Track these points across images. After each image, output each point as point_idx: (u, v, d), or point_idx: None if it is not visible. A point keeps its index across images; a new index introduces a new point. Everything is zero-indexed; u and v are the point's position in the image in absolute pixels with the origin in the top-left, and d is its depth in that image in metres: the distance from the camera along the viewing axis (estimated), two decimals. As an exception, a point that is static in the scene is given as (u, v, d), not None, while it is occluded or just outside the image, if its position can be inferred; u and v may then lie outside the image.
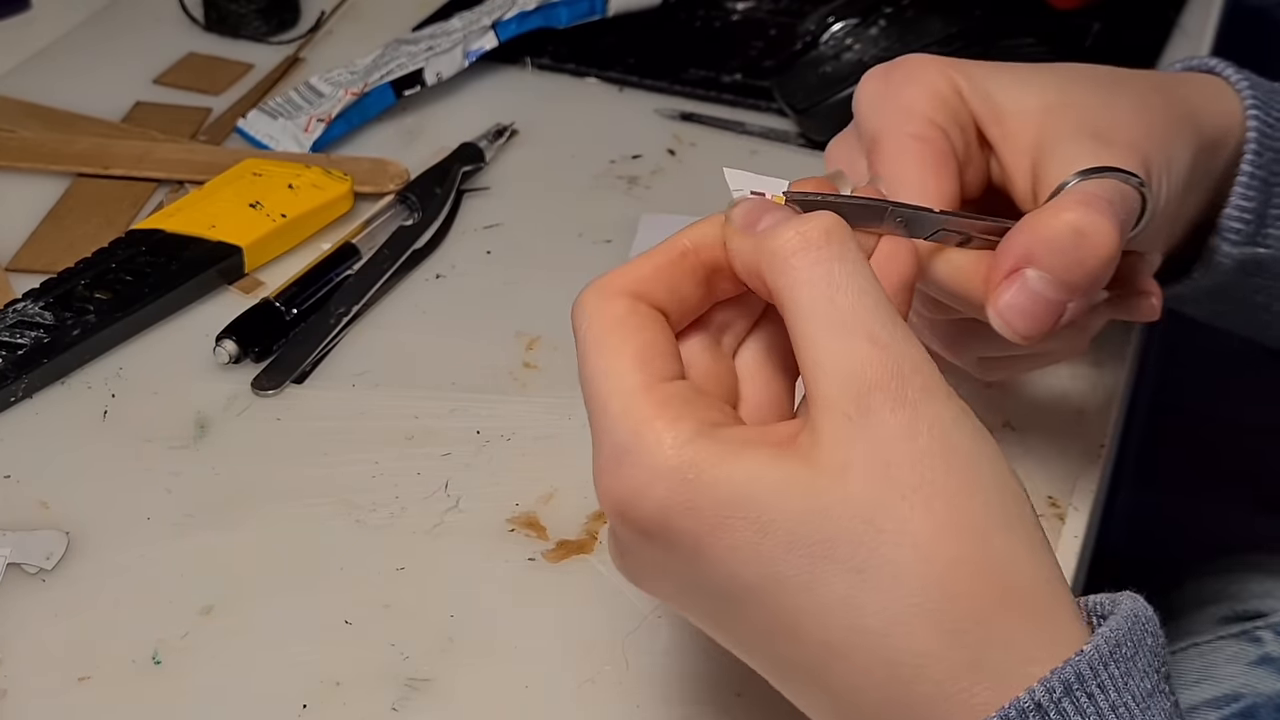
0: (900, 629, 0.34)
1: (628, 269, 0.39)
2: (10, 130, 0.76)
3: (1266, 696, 0.65)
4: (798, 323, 0.36)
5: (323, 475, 0.56)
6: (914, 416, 0.35)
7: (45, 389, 0.60)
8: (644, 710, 0.47)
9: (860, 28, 0.74)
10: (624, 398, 0.36)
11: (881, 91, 0.47)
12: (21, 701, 0.47)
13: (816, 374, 0.35)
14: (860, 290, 0.36)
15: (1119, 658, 0.34)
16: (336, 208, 0.69)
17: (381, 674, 0.48)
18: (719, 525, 0.35)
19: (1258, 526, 1.13)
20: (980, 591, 0.34)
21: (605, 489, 0.37)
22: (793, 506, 0.34)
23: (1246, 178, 0.51)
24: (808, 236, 0.36)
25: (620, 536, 0.38)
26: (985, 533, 0.34)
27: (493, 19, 0.81)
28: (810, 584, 0.34)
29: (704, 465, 0.35)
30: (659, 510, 0.35)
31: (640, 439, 0.36)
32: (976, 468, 0.35)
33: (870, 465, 0.34)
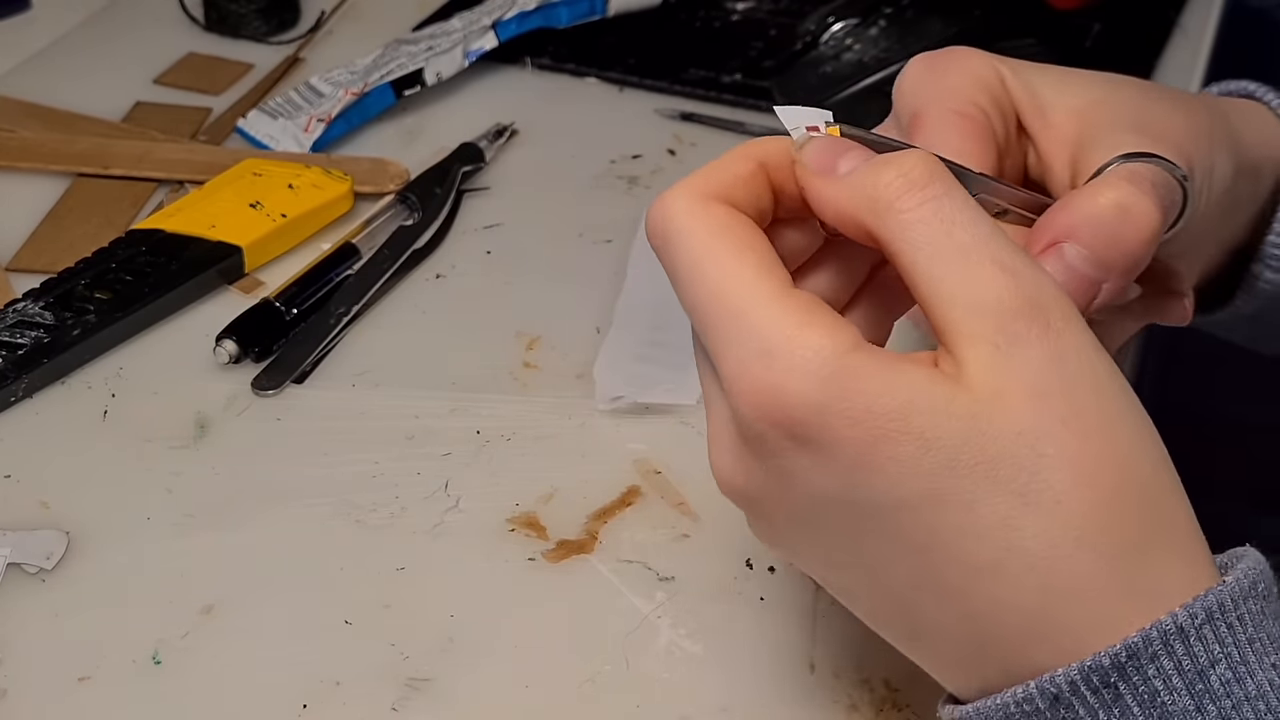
0: (1060, 553, 0.34)
1: (710, 175, 0.37)
2: (10, 130, 0.76)
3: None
4: (919, 261, 0.35)
5: (323, 475, 0.56)
6: (1059, 344, 0.35)
7: (45, 389, 0.60)
8: (644, 710, 0.47)
9: (860, 28, 0.75)
10: (766, 303, 0.35)
11: (925, 75, 0.46)
12: (21, 701, 0.47)
13: (950, 307, 0.35)
14: (976, 222, 0.35)
15: (1256, 595, 0.35)
16: (336, 208, 0.69)
17: (381, 674, 0.48)
18: (882, 436, 0.34)
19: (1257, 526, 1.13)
20: (1135, 521, 0.34)
21: (752, 393, 0.35)
22: (955, 426, 0.34)
23: None
24: (911, 176, 0.36)
25: (761, 444, 0.36)
26: (1136, 465, 0.35)
27: (493, 19, 0.81)
28: (972, 503, 0.34)
29: (867, 376, 0.34)
30: (817, 415, 0.34)
31: (795, 343, 0.35)
32: (1121, 398, 0.35)
33: (1026, 392, 0.34)
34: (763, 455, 0.36)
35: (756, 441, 0.36)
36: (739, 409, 0.36)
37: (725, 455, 0.38)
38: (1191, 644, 0.34)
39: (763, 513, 0.38)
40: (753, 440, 0.36)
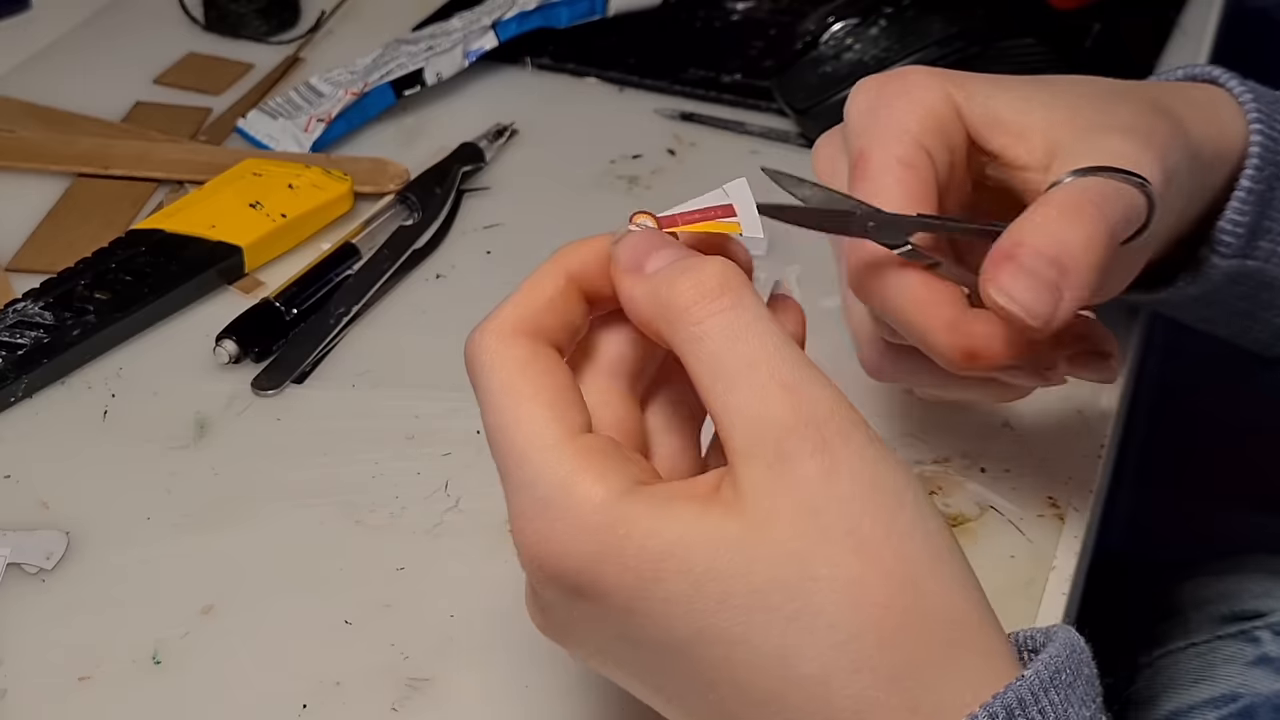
0: (838, 677, 0.33)
1: (519, 303, 0.38)
2: (10, 130, 0.76)
3: (1265, 696, 0.65)
4: (703, 375, 0.35)
5: (323, 475, 0.56)
6: (833, 461, 0.34)
7: (45, 389, 0.60)
8: (644, 710, 0.47)
9: (860, 28, 0.74)
10: (545, 450, 0.35)
11: (874, 103, 0.46)
12: (21, 701, 0.47)
13: (730, 424, 0.35)
14: (762, 335, 0.35)
15: (1058, 684, 0.34)
16: (336, 208, 0.69)
17: (381, 674, 0.48)
18: (653, 579, 0.34)
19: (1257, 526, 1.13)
20: (915, 635, 0.34)
21: (528, 545, 0.36)
22: (724, 559, 0.34)
23: (1245, 192, 0.51)
24: (703, 287, 0.36)
25: (542, 594, 0.37)
26: (915, 575, 0.34)
27: (493, 19, 0.81)
28: (746, 635, 0.34)
29: (635, 520, 0.34)
30: (589, 565, 0.35)
31: (567, 493, 0.35)
32: (900, 509, 0.34)
33: (796, 513, 0.34)
34: (544, 605, 0.37)
35: (541, 591, 0.37)
36: (521, 560, 0.36)
37: (528, 597, 0.39)
38: None
39: (571, 649, 0.39)
40: (534, 591, 0.37)
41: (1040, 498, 0.55)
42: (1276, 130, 0.51)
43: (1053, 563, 0.52)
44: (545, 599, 0.37)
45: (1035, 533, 0.53)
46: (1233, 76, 0.52)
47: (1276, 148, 0.51)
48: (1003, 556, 0.52)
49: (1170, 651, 0.69)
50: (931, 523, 0.35)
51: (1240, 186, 0.51)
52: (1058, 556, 0.52)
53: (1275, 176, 0.51)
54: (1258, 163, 0.51)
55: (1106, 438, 0.58)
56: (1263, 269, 0.53)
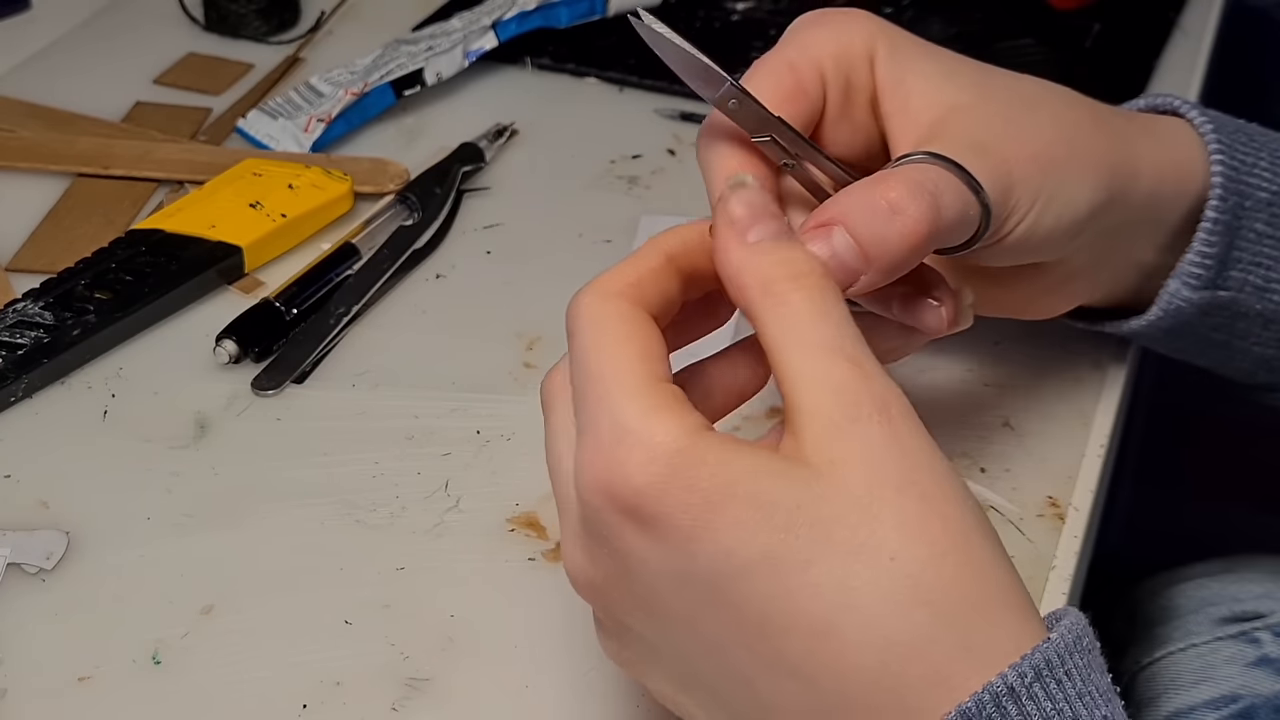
0: (898, 610, 0.35)
1: (621, 272, 0.39)
2: (10, 130, 0.76)
3: (1265, 697, 0.65)
4: (783, 343, 0.37)
5: (323, 475, 0.56)
6: (896, 433, 0.36)
7: (45, 389, 0.60)
8: (644, 710, 0.47)
9: (860, 28, 0.74)
10: (631, 387, 0.37)
11: (800, 25, 0.47)
12: (21, 701, 0.47)
13: (802, 387, 0.37)
14: (841, 321, 0.37)
15: (1081, 649, 0.36)
16: (336, 208, 0.69)
17: (381, 674, 0.48)
18: (720, 502, 0.35)
19: (1258, 526, 1.13)
20: (969, 582, 0.35)
21: (600, 473, 0.36)
22: (790, 491, 0.35)
23: (1210, 224, 0.51)
24: (795, 265, 0.38)
25: (597, 523, 0.37)
26: (967, 533, 0.36)
27: (493, 19, 0.81)
28: (808, 563, 0.35)
29: (707, 449, 0.36)
30: (655, 485, 0.35)
31: (647, 423, 0.36)
32: (954, 483, 0.37)
33: (861, 462, 0.36)
34: (603, 539, 0.37)
35: (597, 524, 0.37)
36: (582, 490, 0.37)
37: (575, 548, 0.39)
38: (1023, 703, 0.34)
39: (609, 607, 0.39)
40: (594, 524, 0.37)
41: (1040, 498, 0.55)
42: (1238, 160, 0.51)
43: (1053, 563, 0.52)
44: (603, 530, 0.37)
45: (1035, 533, 0.53)
46: (1193, 107, 0.53)
47: (1238, 178, 0.51)
48: (1003, 557, 0.52)
49: (1170, 653, 0.69)
50: (973, 500, 0.37)
51: (1205, 218, 0.51)
52: (1058, 556, 0.52)
53: (1239, 206, 0.51)
54: (1220, 193, 0.51)
55: (1106, 438, 0.58)
56: (1236, 299, 0.53)
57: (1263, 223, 0.52)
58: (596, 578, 0.39)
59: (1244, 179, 0.52)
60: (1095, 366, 0.61)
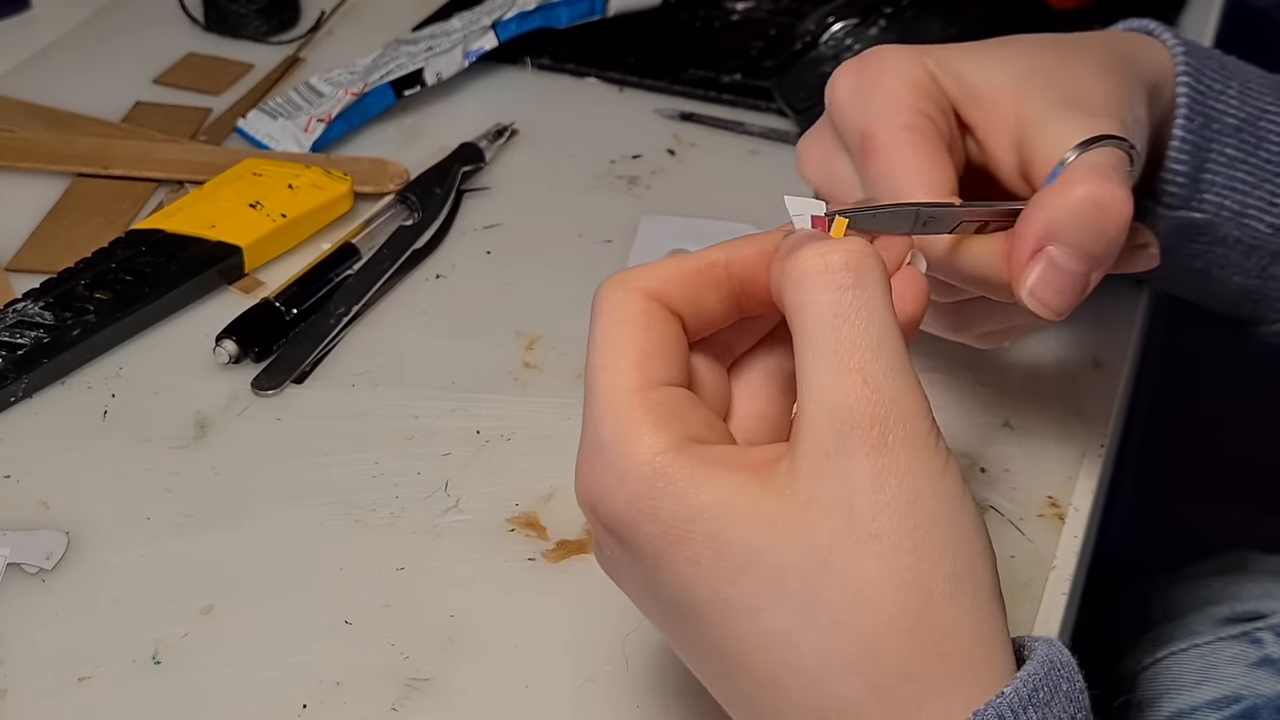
0: (831, 676, 0.34)
1: (652, 268, 0.39)
2: (10, 130, 0.76)
3: (1267, 698, 0.65)
4: (800, 344, 0.36)
5: (323, 475, 0.56)
6: (887, 466, 0.34)
7: (45, 389, 0.60)
8: (644, 710, 0.47)
9: (860, 28, 0.74)
10: (614, 396, 0.37)
11: (858, 87, 0.47)
12: (21, 701, 0.47)
13: (805, 401, 0.36)
14: (867, 325, 0.35)
15: (1036, 703, 0.34)
16: (336, 208, 0.69)
17: (381, 674, 0.48)
18: (680, 538, 0.35)
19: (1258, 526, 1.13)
20: (913, 650, 0.34)
21: (581, 483, 0.37)
22: (751, 533, 0.35)
23: (1179, 141, 0.51)
24: (827, 260, 0.36)
25: (594, 529, 0.39)
26: (930, 593, 0.34)
27: (493, 19, 0.81)
28: (756, 612, 0.35)
29: (674, 477, 0.35)
30: (625, 511, 0.36)
31: (619, 439, 0.36)
32: (935, 529, 0.35)
33: (834, 505, 0.34)
34: (597, 542, 0.39)
35: (594, 530, 0.38)
36: (577, 497, 0.38)
37: (594, 544, 0.40)
38: None
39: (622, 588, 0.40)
40: (593, 529, 0.38)
41: (1040, 498, 0.55)
42: (1204, 85, 0.52)
43: (1052, 563, 0.52)
44: (596, 537, 0.39)
45: (1035, 533, 0.53)
46: (1166, 29, 0.53)
47: (1204, 101, 0.52)
48: (1003, 556, 0.52)
49: (1172, 653, 0.69)
50: (964, 548, 0.35)
51: (1174, 135, 0.52)
52: (1057, 556, 0.52)
53: (1205, 128, 0.52)
54: (1186, 113, 0.51)
55: (1106, 438, 0.58)
56: (1212, 223, 0.53)
57: (1233, 148, 0.52)
58: (607, 569, 0.40)
59: (1210, 103, 0.52)
60: (1095, 366, 0.61)
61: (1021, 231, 0.43)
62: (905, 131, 0.45)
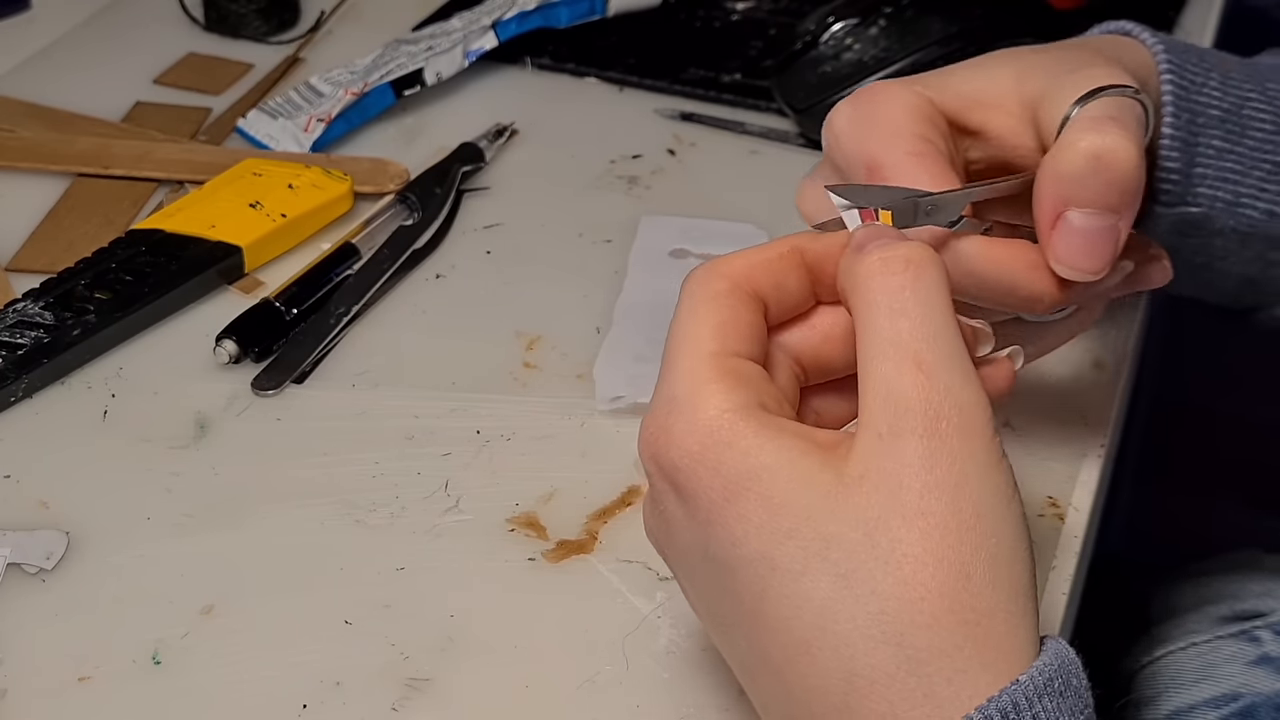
0: (865, 644, 0.35)
1: (740, 255, 0.40)
2: (10, 130, 0.76)
3: (1265, 696, 0.65)
4: (861, 340, 0.38)
5: (323, 475, 0.56)
6: (938, 449, 0.36)
7: (45, 389, 0.60)
8: (644, 710, 0.47)
9: (860, 28, 0.74)
10: (693, 358, 0.38)
11: (854, 118, 0.47)
12: (21, 701, 0.47)
13: (864, 391, 0.37)
14: (923, 318, 0.37)
15: (1051, 692, 0.35)
16: (336, 208, 0.69)
17: (381, 674, 0.48)
18: (736, 493, 0.36)
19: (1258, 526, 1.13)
20: (948, 628, 0.35)
21: (647, 431, 0.38)
22: (804, 498, 0.36)
23: (1168, 139, 0.52)
24: (888, 262, 0.38)
25: (653, 483, 0.39)
26: (969, 575, 0.35)
27: (493, 19, 0.81)
28: (800, 574, 0.36)
29: (740, 433, 0.37)
30: (688, 460, 0.37)
31: (692, 394, 0.37)
32: (982, 515, 0.36)
33: (883, 482, 0.36)
34: (655, 498, 0.39)
35: (653, 483, 0.39)
36: (639, 450, 0.39)
37: (646, 499, 0.41)
38: None
39: (663, 555, 0.41)
40: (652, 482, 0.39)
41: (1040, 498, 0.55)
42: (1187, 79, 0.52)
43: (1052, 563, 0.52)
44: (653, 491, 0.39)
45: (1035, 533, 0.53)
46: (1144, 29, 0.53)
47: (1189, 95, 0.52)
48: (1003, 556, 0.52)
49: (1171, 651, 0.69)
50: (1007, 539, 0.36)
51: (1164, 134, 0.52)
52: (1057, 556, 0.52)
53: (1192, 122, 0.52)
54: (1173, 109, 0.51)
55: (1106, 438, 0.58)
56: (1208, 216, 0.53)
57: (1219, 139, 0.53)
58: (655, 532, 0.41)
59: (1194, 97, 0.52)
60: (1095, 366, 0.61)
61: (1038, 200, 0.44)
62: (911, 157, 0.45)
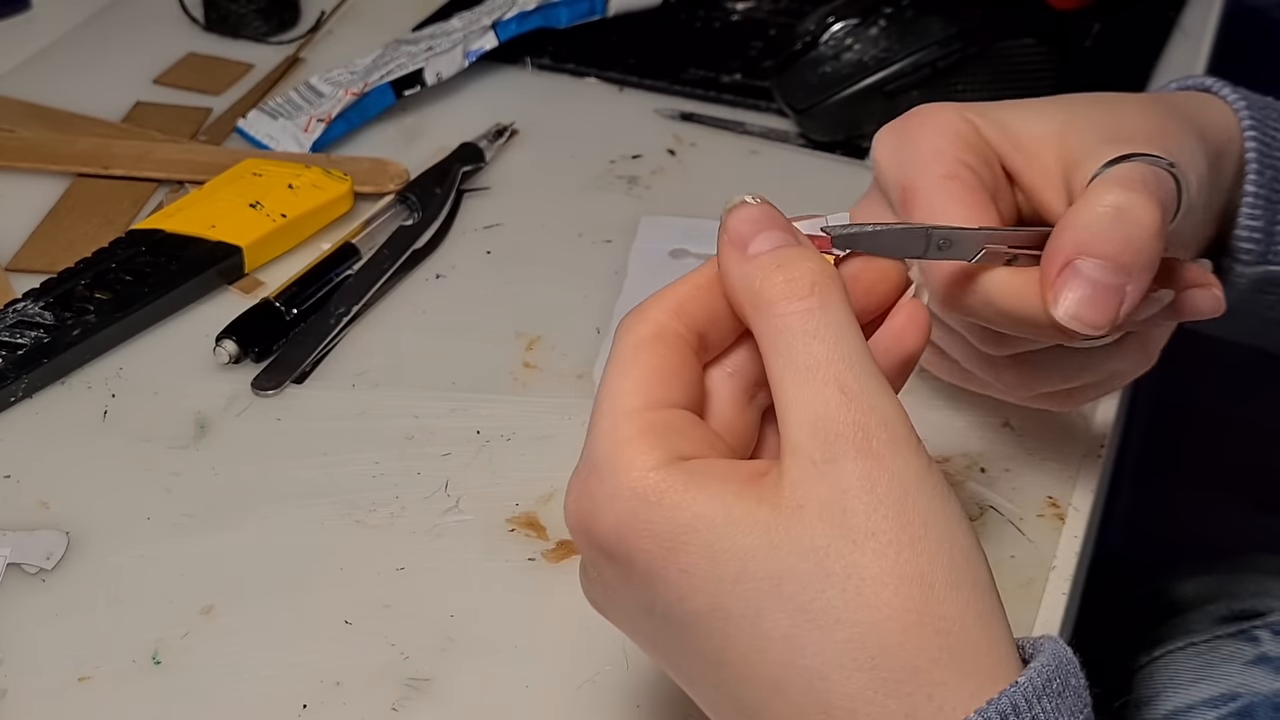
0: (837, 673, 0.34)
1: (670, 290, 0.39)
2: (10, 130, 0.76)
3: (1264, 696, 0.65)
4: (775, 366, 0.37)
5: (323, 475, 0.56)
6: (875, 467, 0.35)
7: (45, 389, 0.60)
8: (644, 710, 0.47)
9: (860, 28, 0.74)
10: (612, 417, 0.37)
11: (899, 143, 0.47)
12: (21, 701, 0.47)
13: (786, 418, 0.36)
14: (836, 339, 0.36)
15: (1050, 693, 0.35)
16: (336, 208, 0.70)
17: (381, 674, 0.48)
18: (674, 549, 0.35)
19: (1257, 526, 1.13)
20: (918, 643, 0.34)
21: (570, 502, 0.37)
22: (746, 539, 0.35)
23: (1251, 197, 0.52)
24: (794, 286, 0.37)
25: (584, 554, 0.38)
26: (931, 584, 0.35)
27: (493, 19, 0.82)
28: (756, 617, 0.35)
29: (665, 491, 0.36)
30: (616, 528, 0.36)
31: (612, 458, 0.36)
32: (930, 523, 0.35)
33: (826, 508, 0.35)
34: (588, 566, 0.39)
35: (584, 552, 0.38)
36: (567, 519, 0.38)
37: (580, 571, 0.40)
38: None
39: (613, 622, 0.40)
40: (583, 552, 0.38)
41: (1040, 498, 0.55)
42: (1269, 134, 0.52)
43: (1053, 563, 0.52)
44: (585, 562, 0.39)
45: (1035, 533, 0.53)
46: (1225, 84, 0.53)
47: (1271, 152, 0.52)
48: (1003, 556, 0.52)
49: (1169, 651, 0.69)
50: (960, 545, 0.35)
51: (1246, 192, 0.52)
52: (1058, 556, 0.52)
53: (1276, 180, 0.52)
54: (1256, 167, 0.51)
55: (1106, 438, 0.58)
56: None
57: None
58: (595, 596, 0.40)
59: (1277, 154, 0.52)
60: (1095, 366, 0.61)
61: (1051, 250, 0.43)
62: (945, 180, 0.45)
